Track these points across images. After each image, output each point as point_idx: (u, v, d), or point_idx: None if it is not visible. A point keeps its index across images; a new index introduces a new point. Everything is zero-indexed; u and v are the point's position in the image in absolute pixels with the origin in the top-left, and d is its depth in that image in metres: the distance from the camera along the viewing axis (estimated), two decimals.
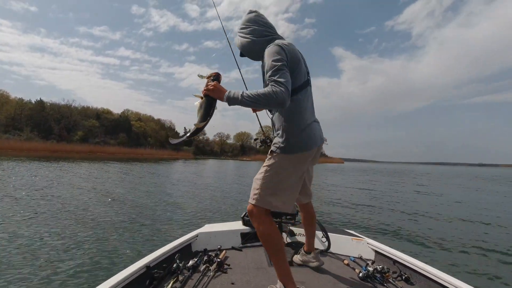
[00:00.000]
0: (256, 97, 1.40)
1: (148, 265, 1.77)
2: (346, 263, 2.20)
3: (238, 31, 1.72)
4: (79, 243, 4.04)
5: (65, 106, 59.32)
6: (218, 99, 1.52)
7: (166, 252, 2.01)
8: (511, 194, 14.43)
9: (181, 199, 8.47)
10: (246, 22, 1.69)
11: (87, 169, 16.59)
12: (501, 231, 6.14)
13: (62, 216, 5.47)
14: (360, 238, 2.42)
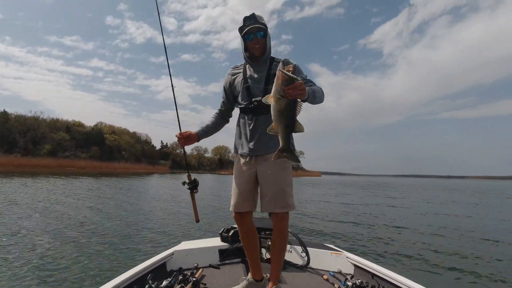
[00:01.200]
0: (318, 92, 1.61)
1: (117, 287, 1.65)
2: (325, 278, 2.17)
3: (261, 22, 1.77)
4: (36, 268, 3.67)
5: (32, 118, 55.95)
6: (301, 99, 1.37)
7: (138, 272, 1.87)
8: (480, 204, 15.31)
9: (155, 216, 8.14)
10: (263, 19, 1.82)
11: (53, 185, 15.59)
12: (476, 242, 6.40)
13: (16, 239, 5.04)
14: (339, 252, 2.42)
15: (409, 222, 8.81)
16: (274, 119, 1.34)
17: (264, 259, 2.48)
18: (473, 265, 4.66)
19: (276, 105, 1.31)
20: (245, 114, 1.86)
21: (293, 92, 1.26)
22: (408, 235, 6.87)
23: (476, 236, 6.94)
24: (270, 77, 1.76)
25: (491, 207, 13.95)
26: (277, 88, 1.30)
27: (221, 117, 2.05)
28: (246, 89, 1.82)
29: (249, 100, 1.80)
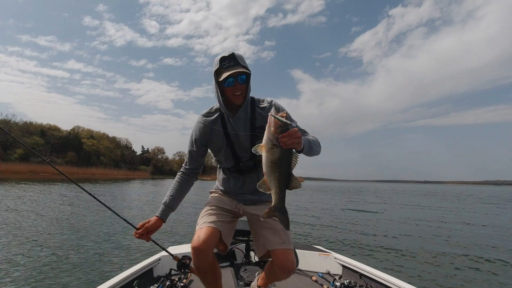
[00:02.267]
0: (315, 142, 1.38)
1: None
2: (314, 279, 2.18)
3: (242, 64, 1.42)
4: (19, 278, 3.46)
5: (3, 121, 53.06)
6: (296, 149, 1.19)
7: (124, 279, 1.81)
8: (458, 207, 16.02)
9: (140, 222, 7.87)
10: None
11: (25, 191, 14.78)
12: (460, 241, 6.68)
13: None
14: (327, 253, 2.44)
15: (392, 224, 9.08)
16: (266, 172, 1.15)
17: (253, 263, 2.46)
18: (458, 263, 4.88)
19: (269, 155, 1.13)
20: (229, 171, 1.61)
21: (288, 141, 1.08)
22: (392, 236, 7.09)
23: (460, 236, 7.26)
24: (256, 130, 1.48)
25: (468, 211, 14.63)
26: (269, 136, 1.12)
27: (188, 177, 1.66)
28: (229, 148, 1.52)
29: (235, 161, 1.54)
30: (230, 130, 1.50)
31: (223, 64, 1.39)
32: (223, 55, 1.39)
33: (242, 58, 1.42)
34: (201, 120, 1.56)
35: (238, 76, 1.39)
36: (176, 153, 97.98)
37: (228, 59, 1.39)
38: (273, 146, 1.12)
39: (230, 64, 1.39)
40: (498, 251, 5.84)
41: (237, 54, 1.41)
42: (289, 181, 1.15)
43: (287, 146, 1.10)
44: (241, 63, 1.40)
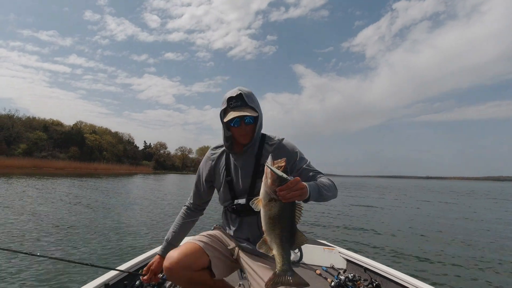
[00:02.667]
0: (328, 187, 1.22)
1: (107, 282, 1.60)
2: (318, 273, 2.17)
3: (250, 105, 1.31)
4: (26, 264, 3.53)
5: (6, 116, 53.30)
6: (300, 200, 1.06)
7: (129, 268, 1.82)
8: (457, 203, 16.00)
9: (146, 215, 8.13)
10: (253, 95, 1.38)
11: (29, 185, 14.89)
12: (462, 237, 6.68)
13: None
14: (331, 247, 2.43)
15: (396, 219, 9.09)
16: (266, 230, 1.00)
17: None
18: (460, 257, 4.89)
19: (267, 211, 0.98)
20: (227, 210, 1.48)
21: (288, 194, 0.93)
22: (396, 230, 7.12)
23: (460, 231, 7.26)
24: (259, 168, 1.36)
25: (471, 206, 14.60)
26: (266, 189, 0.98)
27: (193, 212, 1.57)
28: (227, 184, 1.41)
29: (230, 201, 1.41)
30: (233, 167, 1.41)
31: (230, 104, 1.31)
32: (230, 95, 1.31)
33: (250, 97, 1.33)
34: (209, 154, 1.52)
35: (245, 117, 1.30)
36: (178, 148, 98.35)
37: (235, 99, 1.30)
38: (270, 200, 0.97)
39: (237, 104, 1.30)
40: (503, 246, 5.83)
41: (245, 92, 1.32)
42: (293, 239, 0.99)
43: (287, 200, 0.95)
44: (249, 104, 1.30)
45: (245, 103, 1.30)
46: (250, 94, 1.33)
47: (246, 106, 1.30)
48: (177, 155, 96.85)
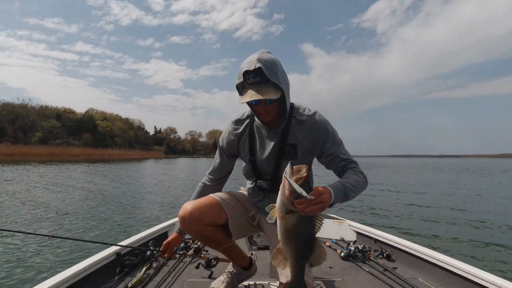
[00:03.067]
0: (358, 190, 1.09)
1: (118, 252, 1.67)
2: (328, 245, 2.20)
3: (272, 80, 1.06)
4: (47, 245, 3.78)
5: (20, 106, 54.61)
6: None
7: (139, 239, 1.91)
8: (462, 179, 15.78)
9: (158, 192, 8.62)
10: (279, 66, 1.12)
11: (51, 171, 15.44)
12: (472, 207, 6.69)
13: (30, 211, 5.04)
14: (341, 220, 2.45)
15: (407, 195, 9.06)
16: (281, 240, 0.92)
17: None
18: (472, 230, 4.92)
19: (283, 223, 0.90)
20: (250, 183, 1.40)
21: (307, 209, 0.84)
22: (408, 204, 7.16)
23: (470, 206, 7.21)
24: (284, 148, 1.22)
25: (476, 181, 14.37)
26: (283, 200, 0.89)
27: (210, 189, 1.45)
28: (250, 164, 1.31)
29: (254, 178, 1.33)
30: (257, 144, 1.29)
31: (247, 78, 1.07)
32: (247, 68, 1.05)
33: (273, 68, 1.06)
34: (230, 128, 1.36)
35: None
36: (188, 133, 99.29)
37: (254, 74, 1.05)
38: (287, 212, 0.88)
39: (256, 80, 1.05)
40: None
41: (266, 63, 1.04)
42: (310, 252, 0.91)
43: (306, 214, 0.85)
44: (271, 79, 1.04)
45: (266, 79, 1.04)
46: (272, 64, 1.06)
47: (266, 83, 1.05)
48: (187, 139, 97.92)
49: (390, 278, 1.64)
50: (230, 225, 1.28)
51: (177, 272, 1.66)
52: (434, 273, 1.66)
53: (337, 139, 1.22)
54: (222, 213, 1.27)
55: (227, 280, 1.44)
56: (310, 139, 1.21)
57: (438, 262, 1.63)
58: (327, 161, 1.23)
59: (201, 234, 1.27)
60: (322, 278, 1.67)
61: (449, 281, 1.56)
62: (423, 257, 1.73)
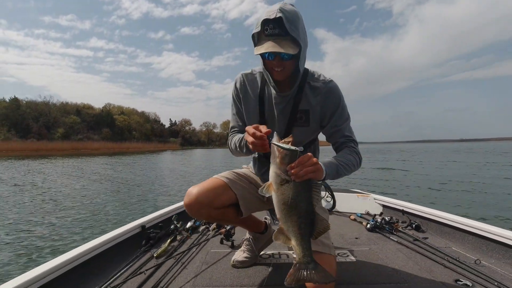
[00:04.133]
0: (350, 168, 1.09)
1: (143, 225, 1.72)
2: (352, 218, 2.16)
3: (292, 34, 0.99)
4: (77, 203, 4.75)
5: (43, 103, 56.82)
6: (316, 179, 0.94)
7: (163, 214, 1.96)
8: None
9: (181, 175, 9.63)
10: (299, 17, 1.03)
11: (77, 164, 16.19)
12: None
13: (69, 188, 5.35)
14: (365, 194, 2.39)
15: (425, 179, 8.85)
16: (281, 218, 0.87)
17: None
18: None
19: (279, 195, 0.85)
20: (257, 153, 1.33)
21: (301, 171, 0.82)
22: (427, 188, 6.97)
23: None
24: (296, 114, 1.16)
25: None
26: (275, 171, 0.86)
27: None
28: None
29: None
30: (267, 105, 1.20)
31: (266, 29, 1.00)
32: (266, 17, 0.98)
33: (294, 22, 0.98)
34: (240, 76, 1.27)
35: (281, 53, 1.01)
36: (203, 124, 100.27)
37: (273, 24, 0.98)
38: (282, 182, 0.84)
39: (274, 32, 0.99)
40: None
41: (287, 15, 0.97)
42: (313, 225, 0.86)
43: (301, 178, 0.83)
44: (291, 32, 0.97)
45: (285, 32, 0.97)
46: (294, 17, 0.98)
47: (285, 36, 0.99)
48: (202, 131, 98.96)
49: (420, 247, 1.59)
50: (241, 204, 1.23)
51: (200, 244, 1.69)
52: (469, 241, 1.59)
53: (346, 113, 1.18)
54: (230, 193, 1.22)
55: (247, 248, 1.46)
56: (322, 107, 1.16)
57: (473, 230, 1.57)
58: (329, 132, 1.19)
59: (210, 217, 1.23)
60: (348, 247, 1.64)
61: (487, 248, 1.49)
62: (456, 225, 1.66)
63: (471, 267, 1.29)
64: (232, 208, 1.25)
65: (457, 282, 1.17)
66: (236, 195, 1.22)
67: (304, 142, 1.24)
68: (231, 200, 1.23)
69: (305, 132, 1.19)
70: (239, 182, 1.28)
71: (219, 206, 1.20)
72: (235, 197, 1.23)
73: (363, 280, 1.21)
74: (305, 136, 1.22)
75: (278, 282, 1.20)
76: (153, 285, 1.17)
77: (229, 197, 1.22)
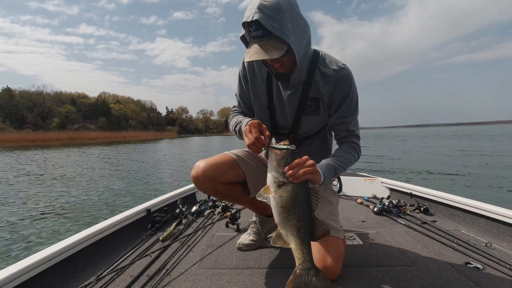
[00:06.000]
0: (347, 166, 1.09)
1: (148, 208, 1.73)
2: (359, 202, 2.15)
3: (277, 34, 0.92)
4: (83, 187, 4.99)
5: (36, 93, 55.77)
6: (314, 183, 0.93)
7: (169, 198, 1.97)
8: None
9: (186, 162, 9.77)
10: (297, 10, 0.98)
11: (77, 154, 16.15)
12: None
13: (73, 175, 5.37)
14: (373, 178, 2.37)
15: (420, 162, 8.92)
16: (279, 222, 0.85)
17: None
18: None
19: (277, 199, 0.84)
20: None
21: (298, 172, 0.82)
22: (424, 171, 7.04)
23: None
24: (306, 102, 1.12)
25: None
26: (273, 173, 0.86)
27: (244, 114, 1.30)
28: (268, 112, 1.20)
29: (272, 130, 1.21)
30: (275, 91, 1.15)
31: (250, 31, 0.94)
32: (245, 19, 0.92)
33: (277, 18, 0.90)
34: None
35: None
36: (200, 111, 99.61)
37: (255, 26, 0.92)
38: (280, 185, 0.84)
39: (258, 34, 0.92)
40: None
41: (267, 11, 0.89)
42: (312, 229, 0.84)
43: (298, 178, 0.82)
44: (274, 32, 0.90)
45: (268, 32, 0.91)
46: (276, 11, 0.90)
47: (270, 36, 0.92)
48: (199, 118, 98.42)
49: (429, 230, 1.58)
50: (249, 182, 1.22)
51: (206, 227, 1.69)
52: (479, 224, 1.58)
53: (354, 105, 1.13)
54: (239, 170, 1.20)
55: (253, 231, 1.44)
56: (331, 96, 1.11)
57: (482, 212, 1.55)
58: (334, 123, 1.16)
59: (216, 192, 1.22)
60: (355, 230, 1.63)
61: (498, 231, 1.48)
62: (466, 208, 1.65)
63: (481, 250, 1.28)
64: (240, 185, 1.25)
65: (467, 265, 1.16)
66: (244, 173, 1.21)
67: (314, 131, 1.21)
68: (239, 177, 1.22)
69: (315, 120, 1.16)
70: (249, 160, 1.26)
71: (226, 181, 1.19)
72: (243, 175, 1.22)
73: (370, 262, 1.20)
74: (315, 125, 1.19)
75: (284, 265, 1.20)
76: (159, 267, 1.19)
77: (236, 174, 1.20)
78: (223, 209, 1.93)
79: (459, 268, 1.14)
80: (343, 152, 1.11)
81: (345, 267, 1.11)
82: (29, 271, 0.98)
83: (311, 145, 1.24)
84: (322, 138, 1.26)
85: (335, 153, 1.12)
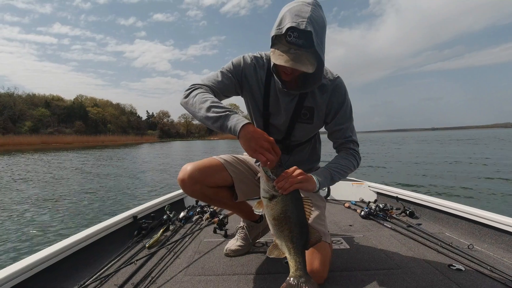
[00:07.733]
0: (346, 172, 1.11)
1: (135, 215, 1.69)
2: (347, 206, 2.17)
3: (317, 48, 0.92)
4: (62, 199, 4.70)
5: (6, 95, 52.77)
6: (308, 191, 0.97)
7: (156, 204, 1.93)
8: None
9: (172, 166, 9.40)
10: (323, 25, 0.95)
11: (55, 159, 15.29)
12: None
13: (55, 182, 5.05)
14: (360, 182, 2.41)
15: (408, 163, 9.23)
16: (274, 234, 0.89)
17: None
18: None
19: (269, 211, 0.87)
20: None
21: (286, 183, 0.84)
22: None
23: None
24: (301, 110, 1.14)
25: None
26: (263, 188, 0.89)
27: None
28: (262, 119, 1.20)
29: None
30: (272, 97, 1.15)
31: (289, 34, 0.90)
32: (292, 25, 0.88)
33: (321, 35, 0.92)
34: (250, 56, 1.18)
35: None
36: (181, 115, 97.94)
37: (299, 34, 0.89)
38: (271, 198, 0.86)
39: (298, 42, 0.90)
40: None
41: (317, 26, 0.90)
42: (306, 238, 0.87)
43: (286, 190, 0.85)
44: (316, 47, 0.90)
45: (310, 44, 0.90)
46: (322, 29, 0.92)
47: (309, 49, 0.91)
48: (180, 123, 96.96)
49: (414, 233, 1.61)
50: (236, 187, 1.23)
51: (194, 234, 1.66)
52: (462, 226, 1.63)
53: (349, 111, 1.18)
54: (226, 174, 1.21)
55: (241, 236, 1.43)
56: (328, 105, 1.15)
57: (466, 215, 1.61)
58: (331, 130, 1.21)
59: (203, 195, 1.20)
60: (342, 235, 1.65)
61: (480, 233, 1.53)
62: (449, 211, 1.71)
63: (464, 252, 1.31)
64: (227, 190, 1.25)
65: (450, 267, 1.19)
66: (232, 178, 1.22)
67: (305, 139, 1.25)
68: (226, 182, 1.22)
69: (308, 129, 1.20)
70: (237, 165, 1.26)
71: (213, 185, 1.19)
72: (230, 180, 1.22)
73: (356, 266, 1.22)
74: (307, 133, 1.23)
75: (271, 271, 1.19)
76: (144, 274, 1.16)
77: (223, 179, 1.21)
78: (211, 214, 1.89)
79: (442, 270, 1.17)
80: (340, 158, 1.14)
81: (332, 271, 1.13)
82: (8, 281, 0.94)
83: (301, 152, 1.28)
84: (312, 146, 1.30)
85: (333, 160, 1.14)
